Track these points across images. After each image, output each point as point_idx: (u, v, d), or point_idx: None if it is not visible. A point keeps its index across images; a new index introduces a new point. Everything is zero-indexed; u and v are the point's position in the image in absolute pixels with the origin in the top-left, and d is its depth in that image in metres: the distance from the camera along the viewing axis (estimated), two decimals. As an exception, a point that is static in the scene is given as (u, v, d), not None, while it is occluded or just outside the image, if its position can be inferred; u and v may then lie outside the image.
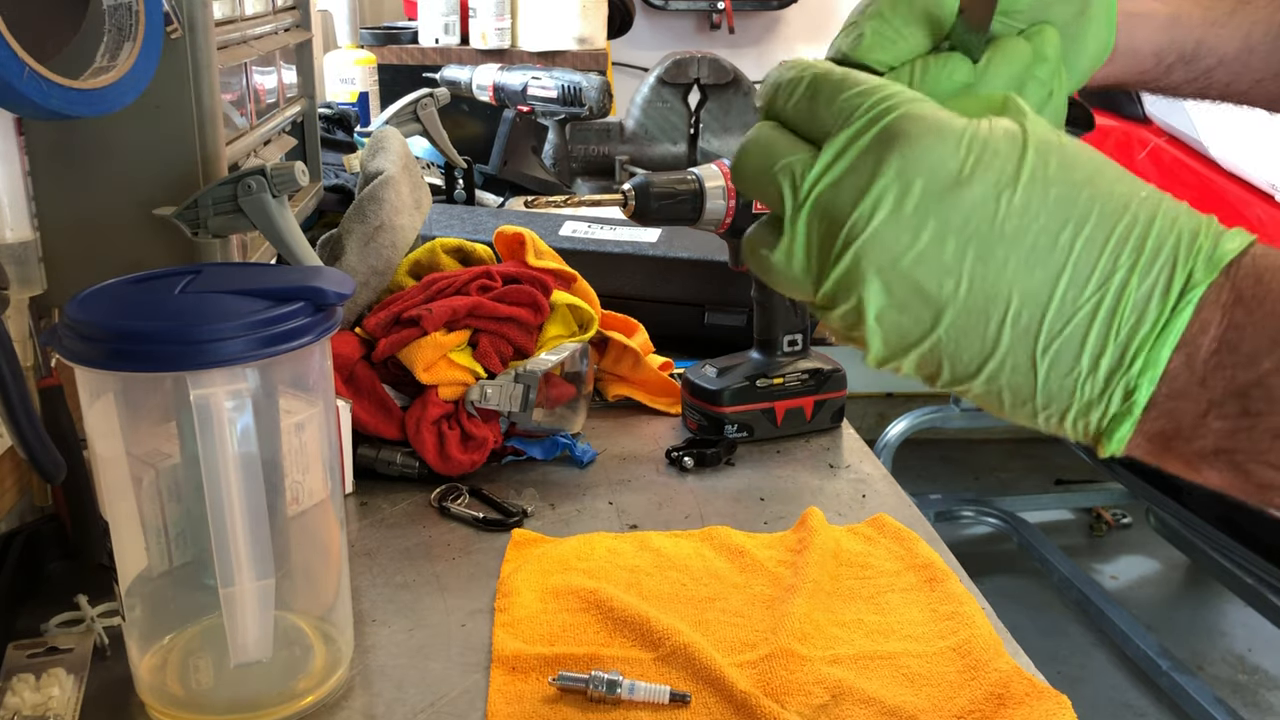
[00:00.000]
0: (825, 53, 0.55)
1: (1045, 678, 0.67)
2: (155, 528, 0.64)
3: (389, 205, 0.99)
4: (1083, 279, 0.37)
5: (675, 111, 1.86)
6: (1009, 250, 0.37)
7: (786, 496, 0.92)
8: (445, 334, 0.92)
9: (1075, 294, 0.37)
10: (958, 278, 0.38)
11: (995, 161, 0.38)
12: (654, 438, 1.03)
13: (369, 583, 0.78)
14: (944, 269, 0.38)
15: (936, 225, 0.38)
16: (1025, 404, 0.39)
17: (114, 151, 0.79)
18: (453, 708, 0.65)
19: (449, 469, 0.92)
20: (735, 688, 0.65)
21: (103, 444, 0.62)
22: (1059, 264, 0.37)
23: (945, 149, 0.38)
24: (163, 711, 0.64)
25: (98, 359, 0.57)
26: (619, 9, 2.37)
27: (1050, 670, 0.71)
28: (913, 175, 0.38)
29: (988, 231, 0.37)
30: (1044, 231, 0.37)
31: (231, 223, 0.78)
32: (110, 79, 0.66)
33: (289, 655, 0.66)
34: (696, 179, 0.94)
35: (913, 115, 0.39)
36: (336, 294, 0.61)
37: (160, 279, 0.62)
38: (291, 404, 0.65)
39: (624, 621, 0.72)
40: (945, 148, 0.38)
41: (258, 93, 0.98)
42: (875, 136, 0.39)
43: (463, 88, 1.88)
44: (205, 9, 0.79)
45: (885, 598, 0.77)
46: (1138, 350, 0.37)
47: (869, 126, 0.39)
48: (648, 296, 1.22)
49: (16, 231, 0.69)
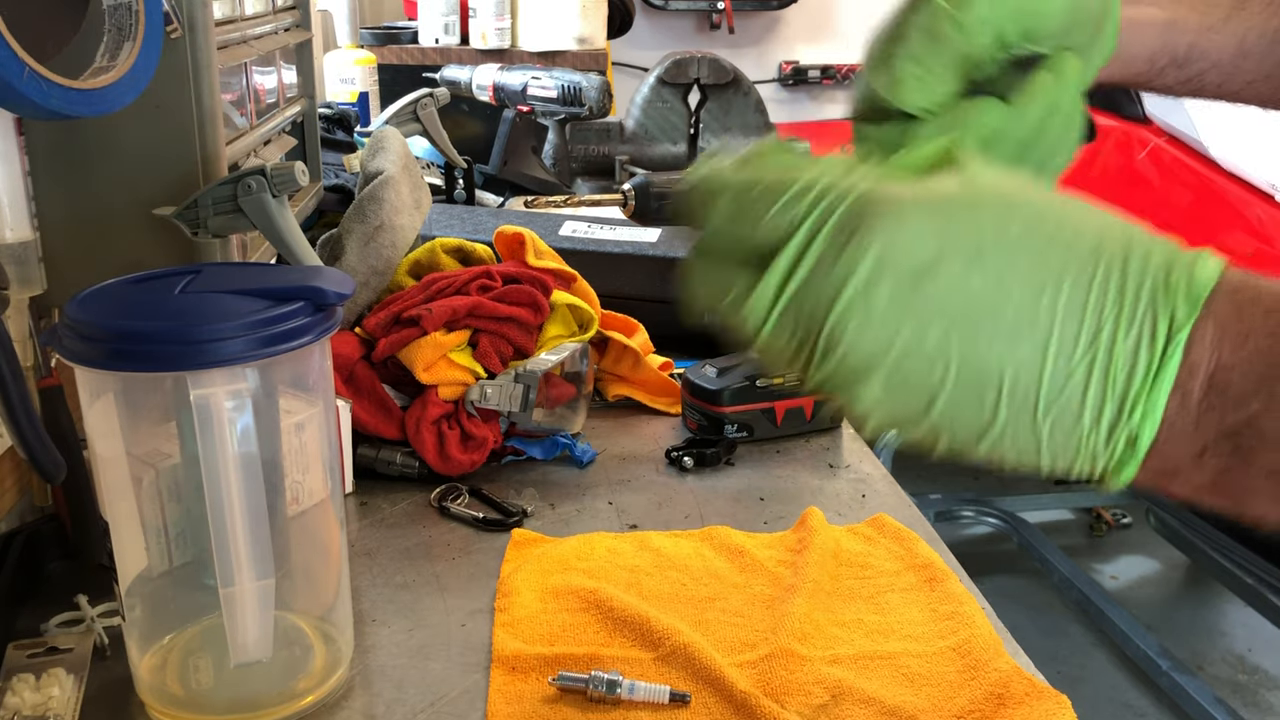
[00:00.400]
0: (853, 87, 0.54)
1: (1045, 678, 0.67)
2: (155, 528, 0.64)
3: (389, 205, 0.99)
4: (1071, 342, 0.37)
5: (675, 111, 1.86)
6: (992, 328, 0.37)
7: (786, 496, 0.92)
8: (445, 334, 0.92)
9: (1066, 359, 0.37)
10: (945, 363, 0.37)
11: (959, 238, 0.37)
12: (654, 438, 1.03)
13: (369, 583, 0.78)
14: (929, 358, 0.37)
15: (914, 319, 0.37)
16: (1029, 460, 0.39)
17: (114, 151, 0.79)
18: (453, 708, 0.65)
19: (449, 469, 0.92)
20: (735, 688, 0.65)
21: (103, 444, 0.62)
22: (1044, 333, 0.37)
23: (906, 237, 0.37)
24: (163, 711, 0.64)
25: (98, 359, 0.57)
26: (619, 9, 2.37)
27: (1050, 670, 0.71)
28: (879, 274, 0.37)
29: (966, 314, 0.37)
30: (1022, 304, 0.37)
31: (231, 223, 0.78)
32: (110, 79, 0.66)
33: (289, 655, 0.66)
34: (696, 179, 0.94)
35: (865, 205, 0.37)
36: (336, 294, 0.61)
37: (160, 279, 0.62)
38: (291, 404, 0.65)
39: (624, 621, 0.72)
40: (906, 235, 0.37)
41: (258, 93, 0.98)
42: (829, 241, 0.37)
43: (463, 88, 1.88)
44: (205, 9, 0.79)
45: (885, 598, 0.77)
46: (1135, 400, 0.37)
47: (817, 229, 0.38)
48: (648, 296, 1.21)
49: (16, 231, 0.69)
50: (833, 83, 3.56)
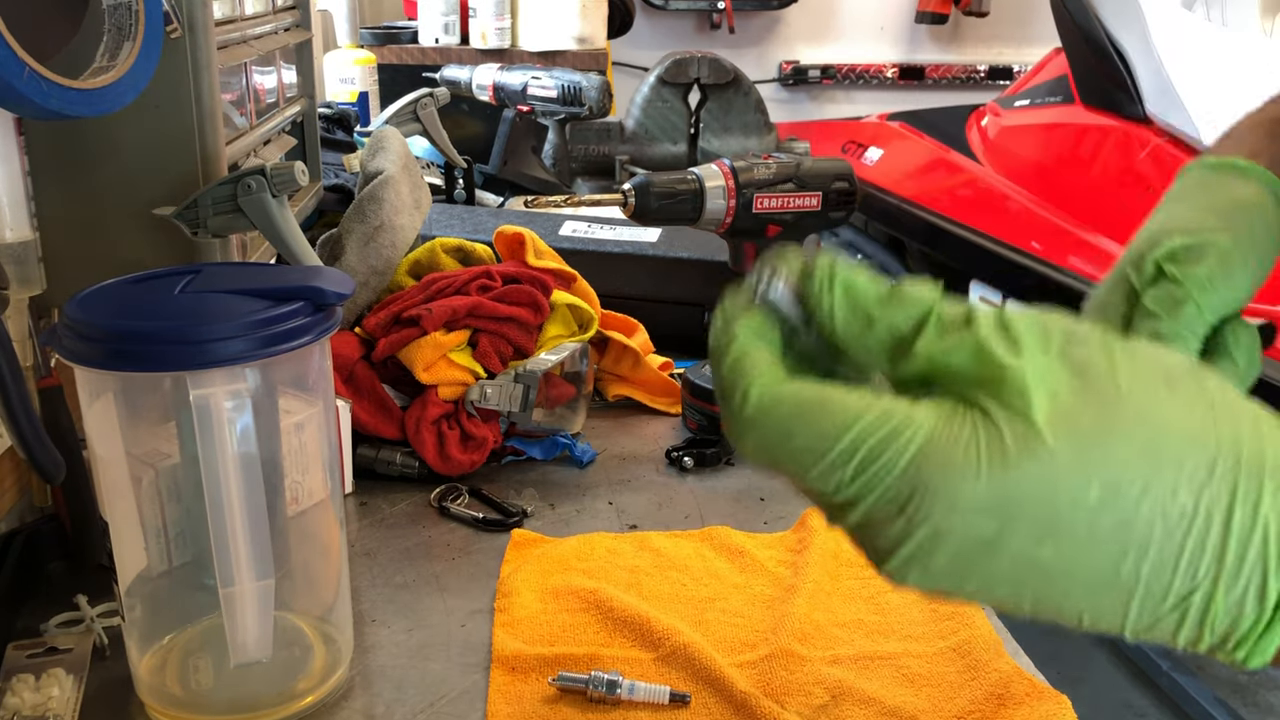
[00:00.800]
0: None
1: (1045, 678, 0.67)
2: (155, 528, 0.64)
3: (389, 205, 0.99)
4: (1157, 599, 0.33)
5: (675, 111, 1.86)
6: (1065, 586, 0.33)
7: (786, 496, 0.92)
8: (445, 334, 0.92)
9: (1152, 611, 0.33)
10: (1017, 604, 0.34)
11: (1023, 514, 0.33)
12: (654, 438, 1.03)
13: (369, 583, 0.78)
14: (1000, 600, 0.35)
15: (978, 579, 0.34)
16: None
17: (114, 151, 0.79)
18: (453, 708, 0.65)
19: (449, 469, 0.92)
20: (735, 688, 0.65)
21: (102, 444, 0.62)
22: (1126, 592, 0.33)
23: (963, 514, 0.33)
24: (162, 711, 0.64)
25: (97, 359, 0.57)
26: (619, 9, 2.37)
27: (1050, 670, 0.71)
28: (934, 546, 0.34)
29: (1036, 579, 0.34)
30: (1099, 568, 0.33)
31: (231, 222, 0.78)
32: (110, 79, 0.66)
33: (289, 655, 0.66)
34: (696, 179, 0.94)
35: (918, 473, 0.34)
36: (336, 294, 0.61)
37: (160, 279, 0.62)
38: (291, 404, 0.65)
39: (624, 621, 0.72)
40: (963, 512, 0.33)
41: (258, 92, 0.98)
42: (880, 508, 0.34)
43: (463, 88, 1.88)
44: (205, 9, 0.79)
45: (885, 598, 0.77)
46: (1239, 644, 0.34)
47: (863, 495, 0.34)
48: (648, 296, 1.22)
49: (16, 231, 0.69)
50: (833, 82, 3.56)
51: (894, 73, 3.52)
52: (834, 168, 0.99)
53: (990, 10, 3.47)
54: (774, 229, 0.98)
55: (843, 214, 1.00)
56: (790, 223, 0.98)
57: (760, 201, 0.96)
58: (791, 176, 0.97)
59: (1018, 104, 2.77)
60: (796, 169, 0.97)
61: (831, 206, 0.99)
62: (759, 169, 0.96)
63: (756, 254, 0.99)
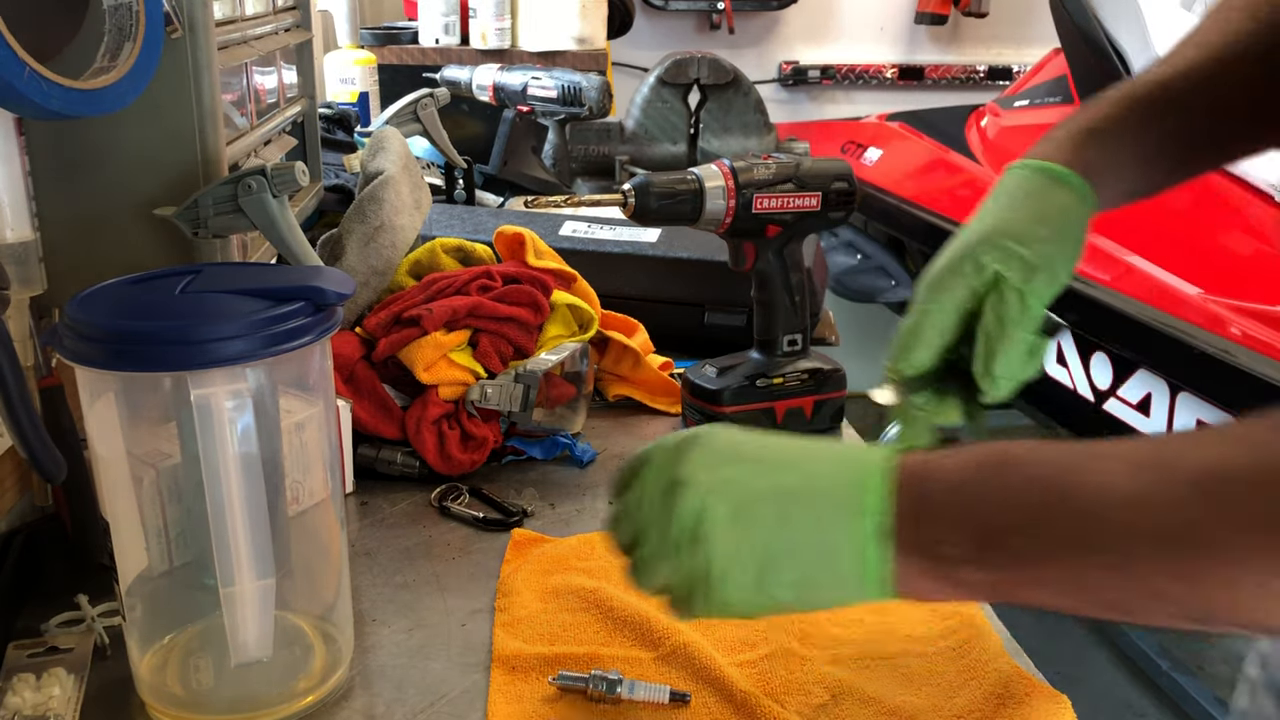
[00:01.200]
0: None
1: (1045, 678, 0.67)
2: (155, 528, 0.64)
3: (389, 205, 0.99)
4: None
5: (675, 111, 1.86)
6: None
7: (786, 496, 0.92)
8: (445, 334, 0.92)
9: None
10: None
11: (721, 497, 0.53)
12: (654, 438, 1.03)
13: (369, 582, 0.78)
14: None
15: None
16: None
17: (114, 151, 0.79)
18: (453, 708, 0.65)
19: (449, 469, 0.92)
20: (735, 687, 0.65)
21: (103, 444, 0.62)
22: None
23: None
24: (163, 711, 0.64)
25: (98, 359, 0.57)
26: (619, 9, 2.37)
27: (1050, 670, 0.71)
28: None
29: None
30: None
31: (231, 223, 0.78)
32: (110, 79, 0.66)
33: (289, 655, 0.66)
34: (696, 179, 0.94)
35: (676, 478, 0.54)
36: (336, 294, 0.61)
37: (160, 279, 0.62)
38: (292, 404, 0.65)
39: (624, 621, 0.72)
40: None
41: (258, 93, 0.98)
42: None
43: (463, 88, 1.88)
44: (205, 9, 0.79)
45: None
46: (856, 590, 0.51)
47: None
48: (648, 296, 1.22)
49: (16, 231, 0.69)
50: (832, 83, 3.55)
51: (893, 73, 3.52)
52: (833, 168, 0.99)
53: (990, 11, 3.47)
54: (774, 229, 0.98)
55: (842, 214, 1.00)
56: (790, 223, 0.98)
57: (760, 202, 0.96)
58: (791, 177, 0.97)
59: (1017, 104, 2.76)
60: (796, 169, 0.98)
61: (831, 207, 0.99)
62: (759, 169, 0.96)
63: (756, 254, 0.99)
